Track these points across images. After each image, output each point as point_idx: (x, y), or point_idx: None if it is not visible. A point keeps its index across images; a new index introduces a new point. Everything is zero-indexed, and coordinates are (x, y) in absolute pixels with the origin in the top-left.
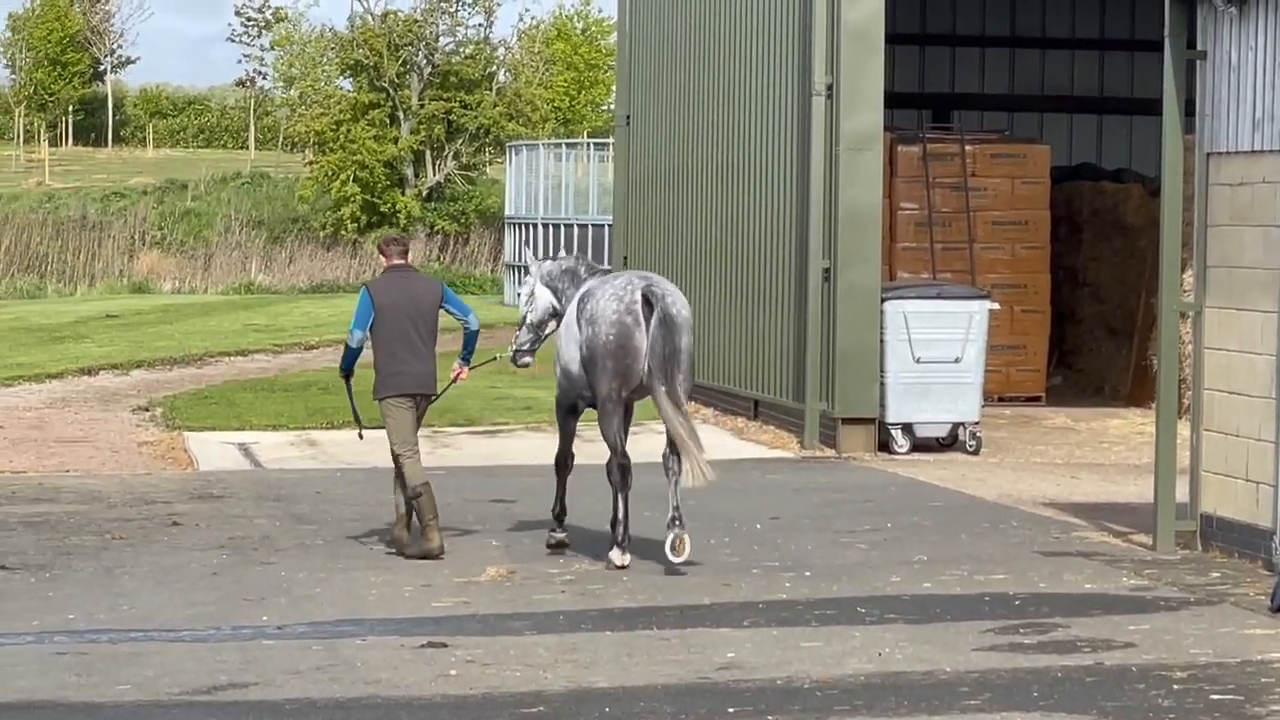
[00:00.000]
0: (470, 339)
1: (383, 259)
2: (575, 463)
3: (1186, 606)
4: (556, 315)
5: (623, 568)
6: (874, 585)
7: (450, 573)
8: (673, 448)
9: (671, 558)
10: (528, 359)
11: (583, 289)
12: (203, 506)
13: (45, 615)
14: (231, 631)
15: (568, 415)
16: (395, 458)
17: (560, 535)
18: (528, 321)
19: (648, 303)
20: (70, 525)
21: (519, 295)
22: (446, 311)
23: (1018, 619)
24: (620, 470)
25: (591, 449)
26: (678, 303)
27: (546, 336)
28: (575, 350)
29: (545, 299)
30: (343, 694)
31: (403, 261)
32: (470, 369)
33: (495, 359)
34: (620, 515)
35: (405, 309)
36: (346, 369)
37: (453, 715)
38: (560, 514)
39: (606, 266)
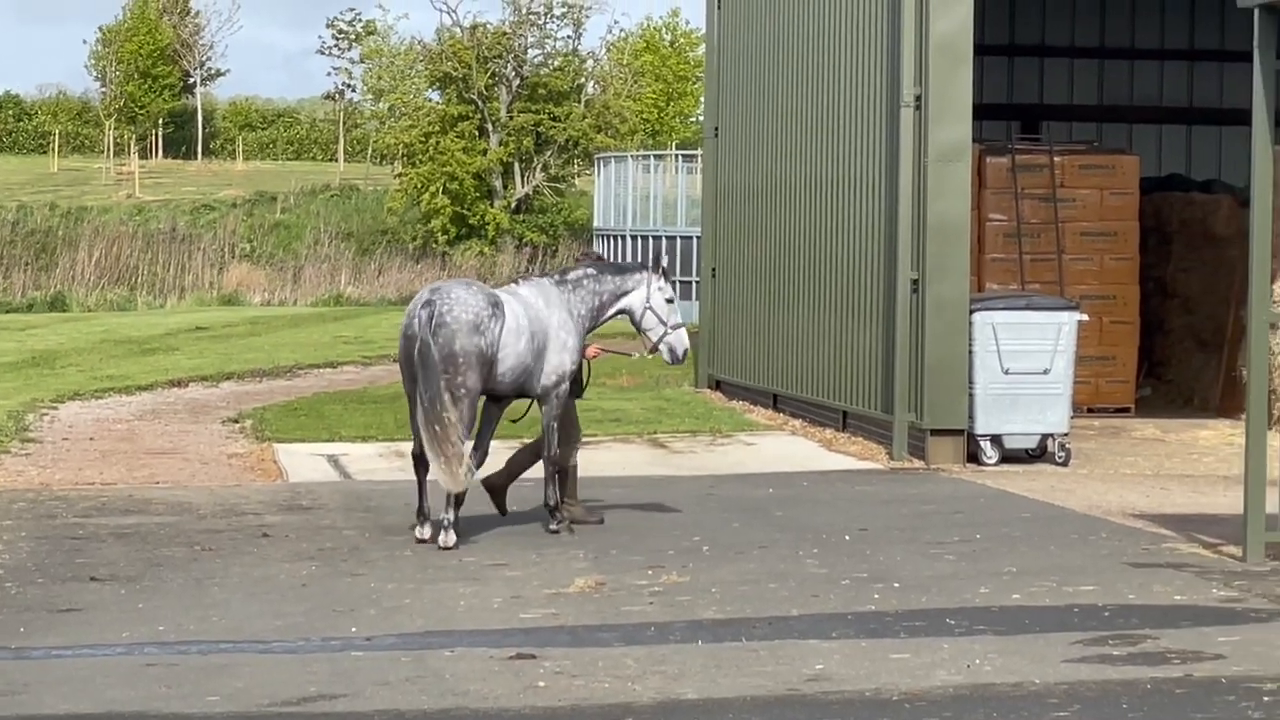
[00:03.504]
0: None
1: None
2: (666, 474)
3: (1277, 618)
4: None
5: (422, 541)
6: (963, 597)
7: (539, 584)
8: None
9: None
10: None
11: None
12: (292, 518)
13: (135, 626)
14: (321, 643)
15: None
16: None
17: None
18: None
19: (425, 316)
20: (160, 537)
21: None
22: None
23: (1107, 630)
24: (415, 459)
25: (679, 460)
26: (451, 312)
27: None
28: None
29: None
30: (431, 705)
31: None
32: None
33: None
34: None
35: None
36: None
37: None
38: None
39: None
